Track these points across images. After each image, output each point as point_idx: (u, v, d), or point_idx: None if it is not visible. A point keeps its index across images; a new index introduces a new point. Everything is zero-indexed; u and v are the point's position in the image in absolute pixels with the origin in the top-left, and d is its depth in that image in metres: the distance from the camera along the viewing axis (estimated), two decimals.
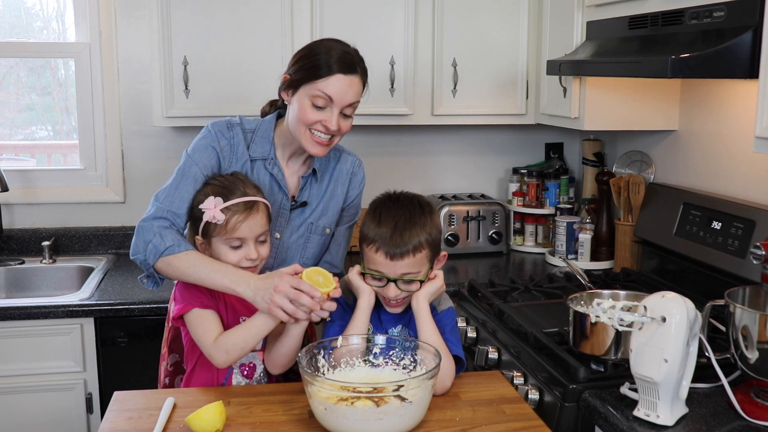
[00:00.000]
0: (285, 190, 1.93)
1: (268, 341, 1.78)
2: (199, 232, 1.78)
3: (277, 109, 2.00)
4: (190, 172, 1.85)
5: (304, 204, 1.96)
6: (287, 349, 1.72)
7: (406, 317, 1.80)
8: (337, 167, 2.00)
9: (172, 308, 2.02)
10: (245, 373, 1.81)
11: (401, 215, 1.73)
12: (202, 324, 1.73)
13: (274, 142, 1.93)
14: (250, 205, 1.75)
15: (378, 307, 1.79)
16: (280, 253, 1.96)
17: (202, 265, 1.74)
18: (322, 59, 1.81)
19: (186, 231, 1.87)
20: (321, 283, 1.65)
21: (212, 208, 1.73)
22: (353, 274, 1.77)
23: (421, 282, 1.73)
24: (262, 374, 1.83)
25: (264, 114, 2.02)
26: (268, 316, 1.66)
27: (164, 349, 1.99)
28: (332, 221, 2.00)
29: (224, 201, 1.74)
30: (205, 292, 1.76)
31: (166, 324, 2.02)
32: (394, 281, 1.71)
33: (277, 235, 1.94)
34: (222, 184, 1.79)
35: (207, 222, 1.74)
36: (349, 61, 1.82)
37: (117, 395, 1.72)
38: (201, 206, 1.75)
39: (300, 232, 1.96)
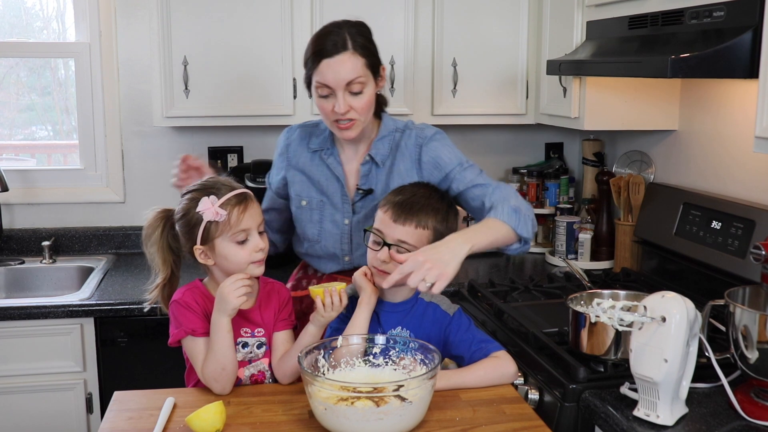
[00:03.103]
0: (340, 178, 1.99)
1: (275, 352, 1.78)
2: (197, 240, 1.71)
3: None
4: (267, 200, 2.13)
5: (370, 191, 1.98)
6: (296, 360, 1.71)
7: (406, 318, 1.80)
8: (402, 144, 2.00)
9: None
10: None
11: (422, 194, 1.77)
12: (197, 355, 1.72)
13: (332, 132, 1.99)
14: (243, 196, 1.73)
15: (377, 308, 1.79)
16: (356, 238, 2.00)
17: None
18: (309, 52, 1.89)
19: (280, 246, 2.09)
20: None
21: (211, 207, 1.69)
22: (357, 274, 1.77)
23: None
24: (270, 382, 1.82)
25: None
26: (218, 316, 1.67)
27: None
28: None
29: (218, 198, 1.70)
30: (198, 312, 1.73)
31: None
32: (389, 246, 1.72)
33: (346, 221, 1.98)
34: (204, 186, 1.75)
35: (207, 225, 1.70)
36: (332, 43, 1.85)
37: (117, 395, 1.72)
38: (198, 210, 1.69)
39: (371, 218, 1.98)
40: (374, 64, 1.91)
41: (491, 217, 1.81)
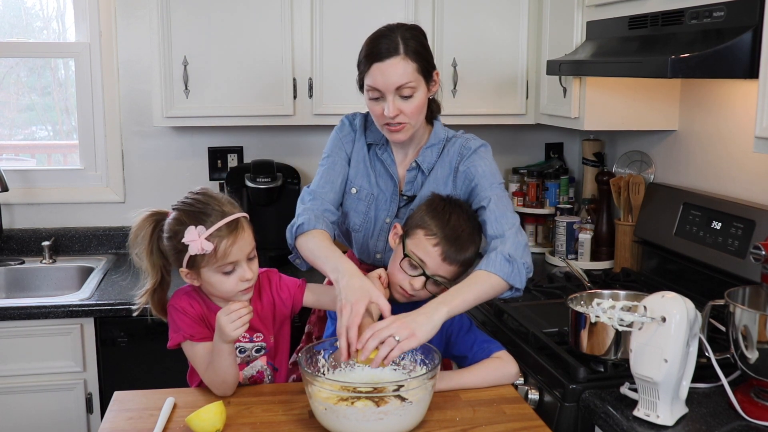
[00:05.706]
0: (394, 176, 1.97)
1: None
2: (183, 264, 1.65)
3: None
4: (333, 162, 1.98)
5: (414, 198, 1.97)
6: None
7: None
8: (445, 150, 1.98)
9: None
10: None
11: (466, 227, 1.79)
12: (195, 359, 1.71)
13: None
14: (234, 225, 1.63)
15: None
16: None
17: (316, 252, 1.79)
18: (362, 54, 1.86)
19: (326, 215, 1.91)
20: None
21: (197, 239, 1.59)
22: (373, 276, 1.77)
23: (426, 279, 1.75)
24: (269, 381, 1.82)
25: None
26: (218, 342, 1.62)
27: None
28: None
29: (206, 228, 1.60)
30: (195, 317, 1.71)
31: None
32: (428, 279, 1.74)
33: (387, 220, 1.97)
34: (194, 208, 1.65)
35: (193, 254, 1.62)
36: (383, 47, 1.82)
37: (117, 395, 1.72)
38: (184, 240, 1.60)
39: None
40: (426, 69, 1.87)
41: (482, 270, 1.76)
